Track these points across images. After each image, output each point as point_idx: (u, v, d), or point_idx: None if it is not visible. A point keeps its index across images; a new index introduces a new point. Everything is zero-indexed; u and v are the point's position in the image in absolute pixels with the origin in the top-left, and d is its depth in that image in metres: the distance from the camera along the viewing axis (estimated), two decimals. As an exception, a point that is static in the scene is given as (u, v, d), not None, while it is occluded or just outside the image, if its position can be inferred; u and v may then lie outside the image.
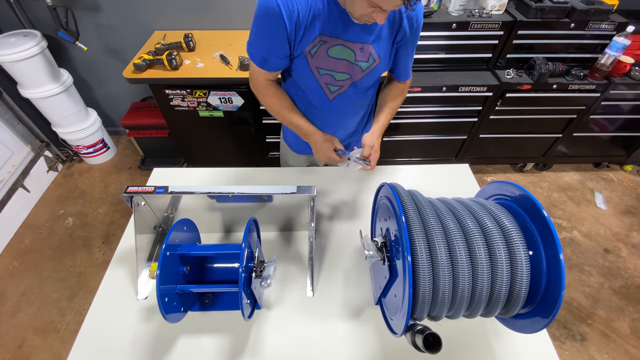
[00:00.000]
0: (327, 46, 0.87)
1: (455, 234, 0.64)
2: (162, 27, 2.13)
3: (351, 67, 0.93)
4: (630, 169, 2.58)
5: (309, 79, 0.95)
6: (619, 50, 1.79)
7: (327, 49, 0.88)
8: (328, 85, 0.97)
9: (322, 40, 0.86)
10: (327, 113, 1.06)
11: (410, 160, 2.37)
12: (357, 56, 0.91)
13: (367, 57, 0.92)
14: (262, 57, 0.90)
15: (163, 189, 0.86)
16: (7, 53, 1.82)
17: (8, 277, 1.92)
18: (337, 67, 0.92)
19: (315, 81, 0.96)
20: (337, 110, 1.05)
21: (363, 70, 0.94)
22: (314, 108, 1.05)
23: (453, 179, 1.25)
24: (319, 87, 0.97)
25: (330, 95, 1.00)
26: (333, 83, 0.96)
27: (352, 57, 0.90)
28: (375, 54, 0.92)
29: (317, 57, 0.89)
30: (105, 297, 0.92)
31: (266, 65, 0.92)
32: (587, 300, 1.84)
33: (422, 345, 0.58)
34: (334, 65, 0.91)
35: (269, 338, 0.85)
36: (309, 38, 0.85)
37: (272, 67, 0.92)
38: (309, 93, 1.01)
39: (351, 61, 0.91)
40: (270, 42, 0.86)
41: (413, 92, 1.92)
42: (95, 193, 2.37)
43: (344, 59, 0.90)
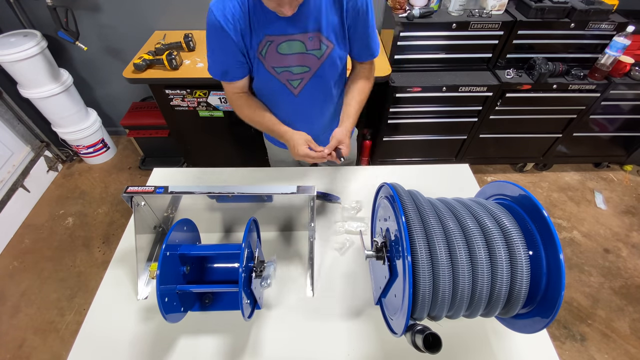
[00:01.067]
0: (275, 44, 0.90)
1: (455, 234, 0.64)
2: (162, 27, 2.13)
3: (305, 58, 0.94)
4: (630, 169, 2.58)
5: (269, 79, 0.98)
6: (619, 50, 1.79)
7: (276, 47, 0.90)
8: (289, 82, 0.99)
9: (269, 40, 0.89)
10: (295, 109, 1.08)
11: (410, 160, 2.37)
12: (307, 45, 0.92)
13: (319, 44, 0.92)
14: (221, 70, 0.96)
15: (163, 189, 0.86)
16: (7, 53, 1.82)
17: (8, 277, 1.92)
18: (292, 61, 0.94)
19: (275, 80, 0.98)
20: (304, 104, 1.07)
21: (318, 58, 0.95)
22: (282, 106, 1.07)
23: (453, 179, 1.25)
24: (282, 85, 1.00)
25: (295, 90, 1.02)
26: (293, 78, 0.98)
27: (303, 48, 0.92)
28: (325, 39, 0.92)
29: (268, 57, 0.92)
30: (105, 297, 0.92)
31: (227, 77, 0.97)
32: (587, 300, 1.84)
33: (422, 346, 0.58)
34: (288, 61, 0.93)
35: (269, 338, 0.85)
36: (257, 40, 0.89)
37: (233, 77, 0.97)
38: (274, 93, 1.03)
39: (304, 52, 0.93)
40: (223, 54, 0.91)
41: (413, 92, 1.92)
42: (95, 193, 2.37)
43: (295, 52, 0.92)
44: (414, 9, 1.77)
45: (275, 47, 0.90)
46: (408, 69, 1.98)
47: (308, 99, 1.05)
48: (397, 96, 1.93)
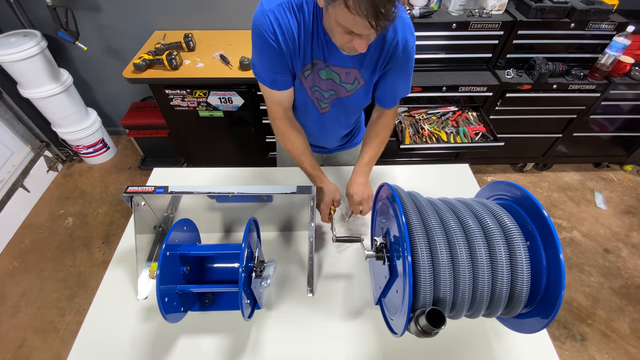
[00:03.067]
0: (317, 68, 0.89)
1: (456, 233, 0.64)
2: (162, 27, 2.13)
3: (337, 86, 0.95)
4: (630, 169, 2.58)
5: (303, 96, 0.98)
6: (619, 50, 1.79)
7: (318, 71, 0.90)
8: (319, 101, 1.00)
9: (314, 63, 0.88)
10: (317, 124, 1.10)
11: (411, 160, 2.37)
12: (342, 78, 0.92)
13: (353, 80, 0.93)
14: (270, 79, 0.90)
15: (163, 189, 0.86)
16: (7, 53, 1.82)
17: (8, 277, 1.92)
18: (326, 86, 0.94)
19: (308, 98, 0.99)
20: (326, 121, 1.08)
21: (348, 90, 0.96)
22: (306, 119, 1.08)
23: (453, 179, 1.25)
24: (311, 103, 1.01)
25: (321, 109, 1.03)
26: (322, 99, 0.99)
27: (337, 79, 0.92)
28: (360, 77, 0.92)
29: (309, 78, 0.92)
30: (105, 297, 0.92)
31: (276, 85, 0.91)
32: (587, 300, 1.84)
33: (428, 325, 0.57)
34: (323, 85, 0.94)
35: (269, 338, 0.85)
36: (303, 61, 0.87)
37: (282, 85, 0.92)
38: (304, 107, 1.03)
39: (337, 82, 0.93)
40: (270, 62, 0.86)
41: (413, 92, 1.92)
42: (95, 193, 2.37)
43: (331, 79, 0.93)
44: (414, 9, 1.77)
45: (317, 70, 0.90)
46: (408, 69, 1.98)
47: (330, 118, 1.07)
48: (397, 96, 1.93)
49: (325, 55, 0.86)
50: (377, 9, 0.59)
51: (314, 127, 1.11)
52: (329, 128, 1.13)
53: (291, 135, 1.00)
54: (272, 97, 0.95)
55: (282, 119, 0.99)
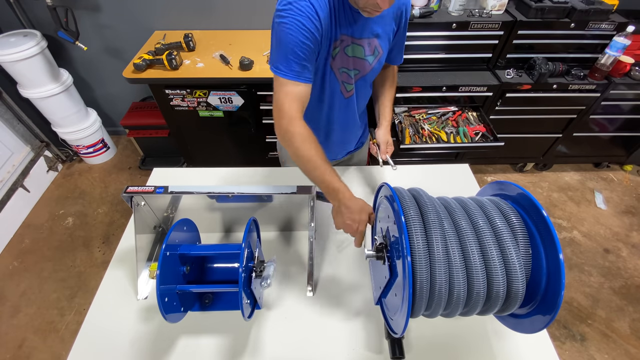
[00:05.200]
0: (344, 45, 0.89)
1: (462, 233, 0.64)
2: (162, 27, 2.13)
3: (361, 62, 0.95)
4: (630, 169, 2.58)
5: (331, 80, 0.94)
6: (619, 50, 1.79)
7: (344, 48, 0.90)
8: (344, 84, 0.99)
9: (342, 40, 0.88)
10: (342, 112, 1.08)
11: (411, 160, 2.37)
12: (365, 51, 0.93)
13: (373, 50, 0.95)
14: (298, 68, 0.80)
15: (163, 189, 0.86)
16: (7, 53, 1.82)
17: (8, 277, 1.92)
18: (352, 64, 0.94)
19: (336, 82, 0.96)
20: (350, 107, 1.08)
21: (370, 63, 0.97)
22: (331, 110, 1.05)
23: (453, 179, 1.25)
24: (338, 88, 0.99)
25: (346, 93, 1.02)
26: (348, 81, 0.98)
27: (362, 53, 0.93)
28: (379, 46, 0.95)
29: (338, 58, 0.91)
30: (105, 297, 0.92)
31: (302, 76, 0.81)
32: (587, 300, 1.84)
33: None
34: (350, 63, 0.93)
35: (269, 338, 0.85)
36: (332, 39, 0.86)
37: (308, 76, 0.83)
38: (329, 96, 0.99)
39: (361, 57, 0.94)
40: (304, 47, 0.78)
41: (413, 92, 1.92)
42: (95, 193, 2.37)
43: (356, 56, 0.93)
44: (414, 9, 1.77)
45: (344, 48, 0.89)
46: (408, 69, 1.98)
47: (353, 102, 1.06)
48: (397, 96, 1.93)
49: (351, 29, 0.87)
50: None
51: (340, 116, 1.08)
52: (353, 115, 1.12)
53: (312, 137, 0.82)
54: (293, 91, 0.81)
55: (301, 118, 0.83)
